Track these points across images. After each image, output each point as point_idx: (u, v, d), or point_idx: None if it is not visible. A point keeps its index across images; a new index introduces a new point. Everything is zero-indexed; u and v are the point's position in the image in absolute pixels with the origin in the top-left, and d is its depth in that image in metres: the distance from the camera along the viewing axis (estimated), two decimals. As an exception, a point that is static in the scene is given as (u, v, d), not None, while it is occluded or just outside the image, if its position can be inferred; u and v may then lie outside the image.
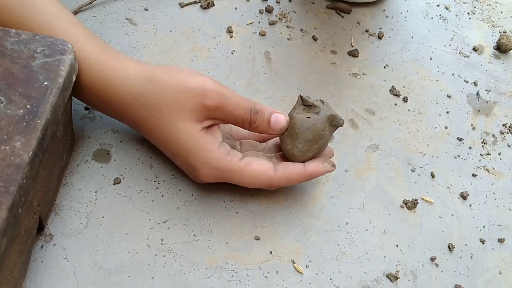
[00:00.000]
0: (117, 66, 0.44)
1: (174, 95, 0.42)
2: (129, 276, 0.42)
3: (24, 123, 0.36)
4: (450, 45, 0.66)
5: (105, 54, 0.44)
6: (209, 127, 0.44)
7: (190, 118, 0.43)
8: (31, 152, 0.35)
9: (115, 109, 0.45)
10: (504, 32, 0.69)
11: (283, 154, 0.47)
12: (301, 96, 0.46)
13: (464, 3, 0.72)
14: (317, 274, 0.46)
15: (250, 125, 0.44)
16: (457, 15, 0.70)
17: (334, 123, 0.46)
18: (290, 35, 0.62)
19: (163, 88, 0.43)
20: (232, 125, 0.49)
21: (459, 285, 0.47)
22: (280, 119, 0.45)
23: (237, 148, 0.47)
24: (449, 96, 0.61)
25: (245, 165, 0.44)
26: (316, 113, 0.45)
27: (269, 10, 0.63)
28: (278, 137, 0.47)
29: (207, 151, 0.43)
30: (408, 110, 0.59)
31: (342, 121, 0.46)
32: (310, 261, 0.46)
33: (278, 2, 0.65)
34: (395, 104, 0.59)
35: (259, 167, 0.44)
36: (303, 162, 0.46)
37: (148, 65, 0.45)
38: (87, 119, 0.50)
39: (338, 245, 0.48)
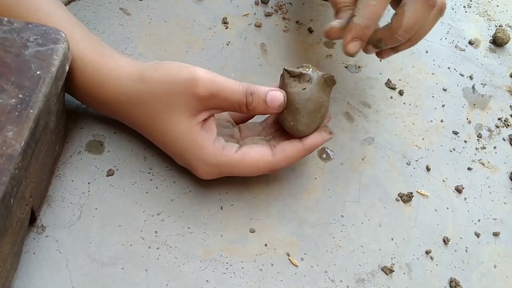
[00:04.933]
0: (111, 66, 0.43)
1: (166, 91, 0.42)
2: (122, 269, 0.42)
3: (16, 113, 0.35)
4: (446, 38, 0.66)
5: (100, 53, 0.44)
6: (204, 121, 0.43)
7: (184, 113, 0.42)
8: (23, 142, 0.34)
9: (110, 109, 0.45)
10: (500, 26, 0.69)
11: (284, 132, 0.47)
12: (285, 69, 0.45)
13: (460, -4, 0.72)
14: (312, 266, 0.45)
15: (247, 108, 0.43)
16: (453, 9, 0.70)
17: (328, 83, 0.45)
18: (286, 27, 0.61)
19: (154, 86, 0.42)
20: None
21: (454, 278, 0.47)
22: (277, 95, 0.44)
23: (236, 135, 0.47)
24: (444, 90, 0.61)
25: (242, 155, 0.43)
26: (308, 81, 0.44)
27: (264, 2, 0.62)
28: (278, 117, 0.46)
29: (202, 147, 0.42)
30: (404, 103, 0.59)
31: (333, 76, 0.45)
32: (305, 253, 0.46)
33: (273, -6, 0.65)
34: (391, 97, 0.59)
35: (257, 154, 0.44)
36: (308, 135, 0.45)
37: (141, 64, 0.44)
38: (80, 109, 0.49)
39: (333, 238, 0.47)
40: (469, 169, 0.55)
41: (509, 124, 0.60)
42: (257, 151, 0.44)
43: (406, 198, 0.51)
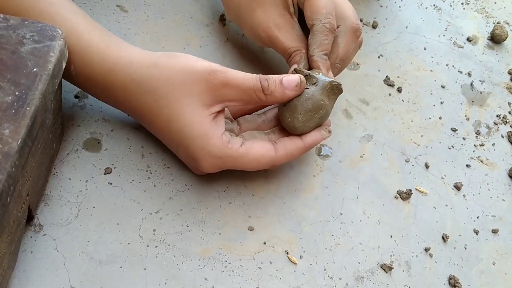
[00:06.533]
0: (118, 53, 0.43)
1: (181, 79, 0.42)
2: (120, 267, 0.42)
3: (13, 110, 0.35)
4: (444, 35, 0.66)
5: (105, 43, 0.43)
6: (216, 114, 0.43)
7: (198, 102, 0.42)
8: (20, 140, 0.34)
9: (117, 98, 0.45)
10: (498, 23, 0.69)
11: (282, 128, 0.47)
12: (296, 70, 0.46)
13: (458, -7, 0.72)
14: (311, 264, 0.45)
15: (264, 94, 0.43)
16: (451, 5, 0.70)
17: (334, 91, 0.46)
18: (283, 24, 0.61)
19: (169, 73, 0.42)
20: None
21: (453, 275, 0.47)
22: (292, 76, 0.44)
23: (235, 130, 0.47)
24: (443, 87, 0.61)
25: (246, 150, 0.43)
26: (314, 83, 0.45)
27: (262, -1, 0.62)
28: (278, 113, 0.47)
29: (210, 138, 0.42)
30: (402, 101, 0.59)
31: (340, 85, 0.46)
32: (304, 251, 0.46)
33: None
34: (389, 94, 0.59)
35: (260, 150, 0.44)
36: (305, 133, 0.46)
37: (152, 52, 0.44)
38: (77, 107, 0.49)
39: (332, 235, 0.47)
40: (467, 166, 0.55)
41: (508, 121, 0.60)
42: (261, 146, 0.44)
43: (405, 195, 0.51)
